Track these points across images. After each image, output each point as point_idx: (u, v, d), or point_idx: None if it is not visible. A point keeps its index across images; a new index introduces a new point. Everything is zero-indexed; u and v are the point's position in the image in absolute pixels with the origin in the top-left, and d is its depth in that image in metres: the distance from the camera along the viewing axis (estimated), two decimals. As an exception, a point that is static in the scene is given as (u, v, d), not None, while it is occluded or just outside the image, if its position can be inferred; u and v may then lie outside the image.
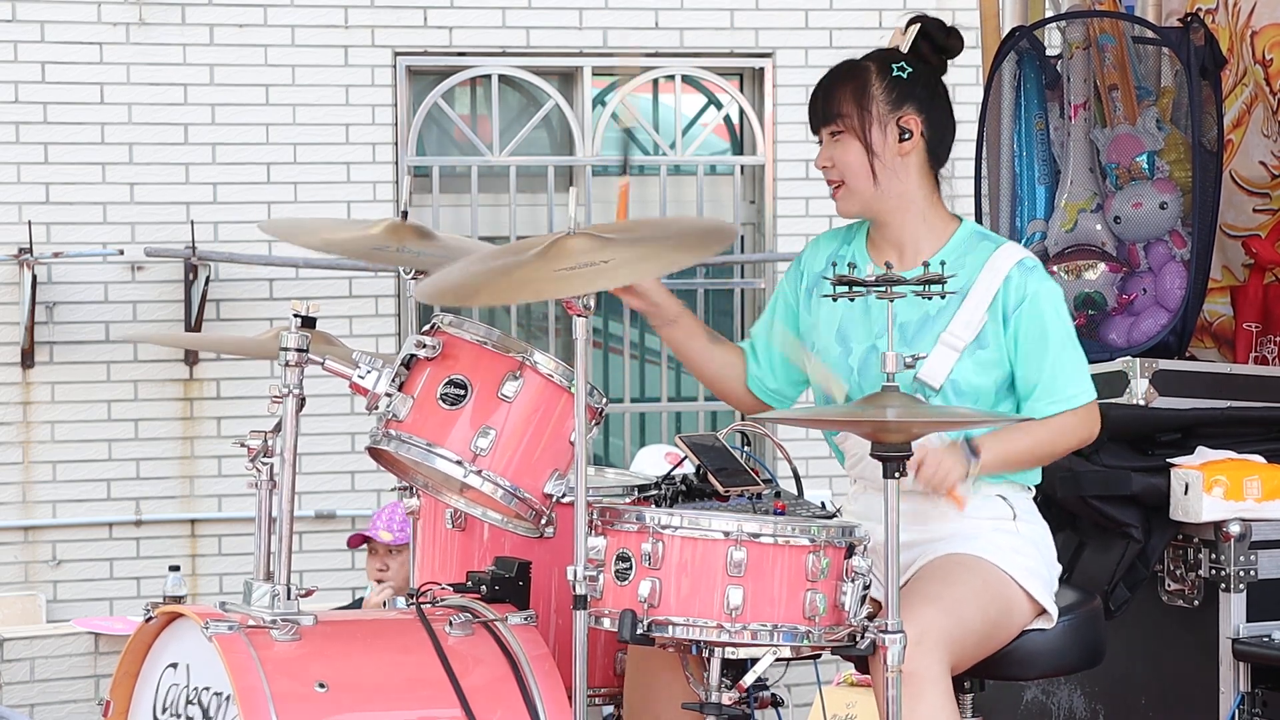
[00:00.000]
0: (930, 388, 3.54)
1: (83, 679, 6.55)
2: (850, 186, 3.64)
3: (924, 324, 3.60)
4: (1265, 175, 5.17)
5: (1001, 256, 3.60)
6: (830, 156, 3.65)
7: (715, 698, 3.24)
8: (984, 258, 3.61)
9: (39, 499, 7.20)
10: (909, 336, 3.59)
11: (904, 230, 3.67)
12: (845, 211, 3.67)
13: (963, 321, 3.57)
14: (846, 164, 3.63)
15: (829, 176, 3.66)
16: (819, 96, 3.67)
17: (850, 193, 3.65)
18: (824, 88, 3.67)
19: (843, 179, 3.64)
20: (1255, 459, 4.43)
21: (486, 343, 3.44)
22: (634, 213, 7.68)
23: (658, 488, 3.78)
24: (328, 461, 7.29)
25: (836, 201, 3.67)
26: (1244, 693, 4.28)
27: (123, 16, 7.24)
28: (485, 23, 7.54)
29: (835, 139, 3.64)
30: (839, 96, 3.64)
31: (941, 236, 3.67)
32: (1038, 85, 5.05)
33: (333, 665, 3.32)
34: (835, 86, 3.65)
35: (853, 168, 3.63)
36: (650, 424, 7.85)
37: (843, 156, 3.63)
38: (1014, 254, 3.62)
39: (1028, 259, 3.62)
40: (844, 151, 3.63)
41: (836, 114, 3.63)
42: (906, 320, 3.60)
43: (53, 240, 7.16)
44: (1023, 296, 3.57)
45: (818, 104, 3.67)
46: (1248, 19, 5.18)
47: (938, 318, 3.59)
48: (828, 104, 3.65)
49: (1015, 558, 3.57)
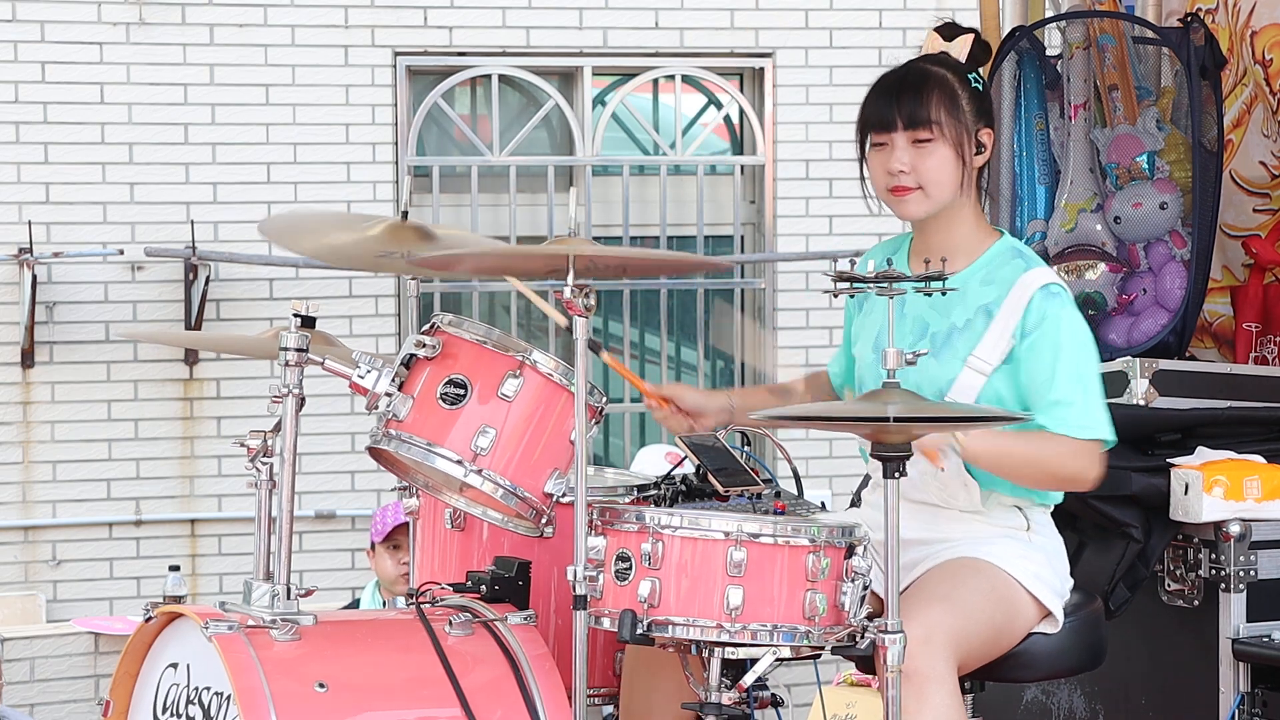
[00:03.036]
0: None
1: (83, 679, 6.55)
2: (929, 193, 3.57)
3: (950, 335, 3.58)
4: (1265, 175, 5.17)
5: (1030, 277, 3.56)
6: (910, 163, 3.56)
7: (715, 698, 3.24)
8: (1014, 277, 3.57)
9: (39, 499, 7.20)
10: (937, 346, 3.58)
11: (950, 239, 3.63)
12: (911, 215, 3.61)
13: (990, 344, 3.54)
14: (929, 170, 3.56)
15: (902, 182, 3.57)
16: (904, 99, 3.57)
17: (924, 199, 3.58)
18: (910, 90, 3.57)
19: (920, 185, 3.57)
20: (1255, 459, 4.42)
21: (486, 342, 3.44)
22: (634, 214, 7.70)
23: (658, 488, 3.78)
24: (328, 461, 7.28)
25: (903, 203, 3.59)
26: (1244, 693, 4.28)
27: (123, 16, 7.24)
28: (485, 23, 7.54)
29: (921, 145, 3.56)
30: (931, 102, 3.55)
31: (980, 248, 3.65)
32: (1038, 85, 5.05)
33: (332, 665, 3.32)
34: (924, 91, 3.57)
35: (936, 176, 3.56)
36: (650, 424, 7.84)
37: (925, 163, 3.56)
38: (1042, 277, 3.57)
39: (1055, 284, 3.56)
40: (929, 158, 3.56)
41: (929, 120, 3.55)
42: (937, 330, 3.59)
43: (53, 240, 7.16)
44: (1041, 319, 3.52)
45: (902, 107, 3.56)
46: (1247, 19, 5.18)
47: (965, 331, 3.57)
48: (918, 109, 3.55)
49: (1023, 563, 3.56)
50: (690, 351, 7.89)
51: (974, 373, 3.54)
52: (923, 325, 3.61)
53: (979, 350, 3.55)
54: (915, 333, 3.60)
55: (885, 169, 3.59)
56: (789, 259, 7.71)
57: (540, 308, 3.79)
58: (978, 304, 3.56)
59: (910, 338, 3.60)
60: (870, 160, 3.63)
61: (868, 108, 3.63)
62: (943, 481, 3.56)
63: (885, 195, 3.62)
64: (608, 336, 7.83)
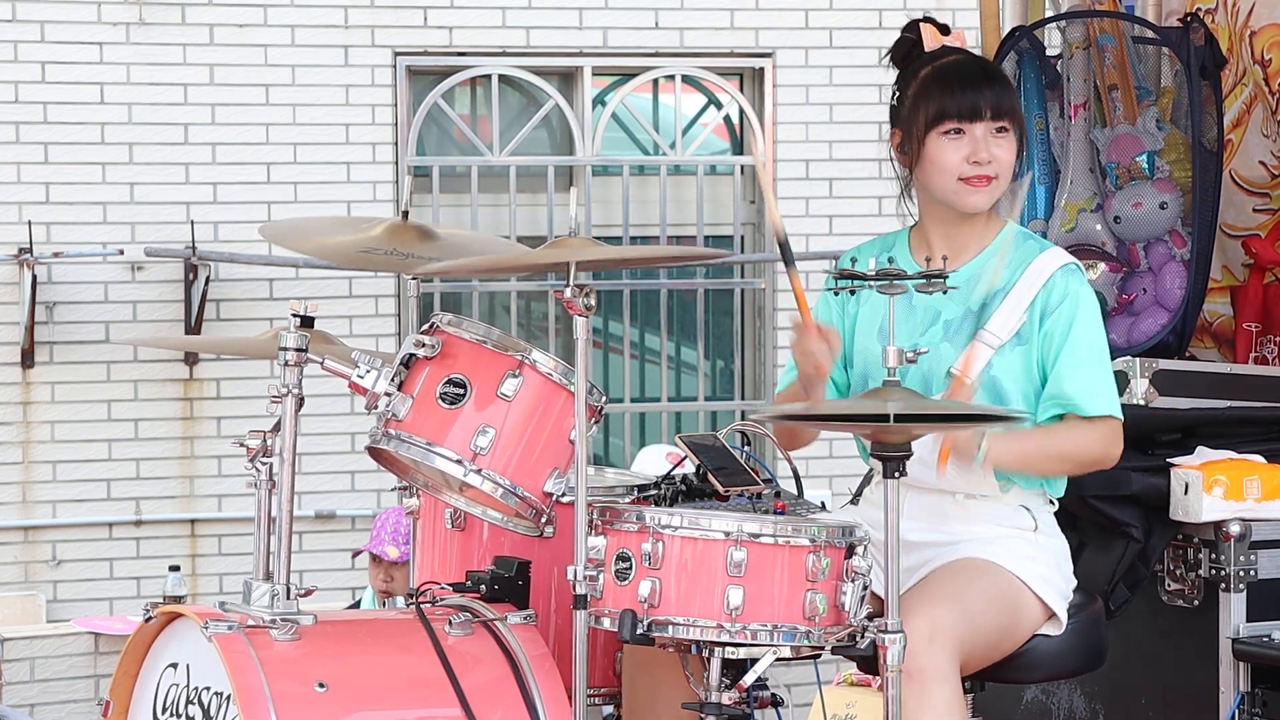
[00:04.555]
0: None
1: (83, 679, 6.55)
2: (1000, 184, 3.60)
3: (964, 319, 3.59)
4: (1265, 175, 5.17)
5: (1048, 258, 3.60)
6: (994, 153, 3.57)
7: (715, 698, 3.23)
8: (1029, 258, 3.59)
9: (39, 499, 7.20)
10: (951, 332, 3.58)
11: (962, 230, 3.65)
12: (983, 206, 3.61)
13: (1001, 319, 3.56)
14: (1006, 162, 3.59)
15: (986, 171, 3.57)
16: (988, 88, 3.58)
17: (996, 191, 3.61)
18: (993, 80, 3.60)
19: (999, 175, 3.59)
20: (1255, 459, 4.42)
21: (486, 342, 3.44)
22: (634, 214, 7.70)
23: (658, 488, 3.78)
24: (328, 461, 7.29)
25: (976, 194, 3.58)
26: (1244, 693, 4.28)
27: (123, 16, 7.24)
28: (485, 23, 7.54)
29: (1000, 135, 3.58)
30: (1008, 95, 3.60)
31: (990, 236, 3.66)
32: (1038, 85, 5.05)
33: (332, 665, 3.32)
34: (1004, 82, 3.62)
35: (1007, 168, 3.59)
36: (650, 424, 7.84)
37: (1003, 154, 3.58)
38: (1061, 258, 3.61)
39: (1073, 264, 3.61)
40: (1006, 149, 3.58)
41: (1009, 111, 3.58)
42: (950, 317, 3.60)
43: (53, 240, 7.16)
44: (1063, 296, 3.55)
45: (988, 96, 3.57)
46: (1247, 19, 5.18)
47: (980, 313, 3.58)
48: (1003, 99, 3.58)
49: (1030, 564, 3.56)
50: (690, 351, 7.90)
51: (983, 345, 3.54)
52: (934, 313, 3.61)
53: (991, 325, 3.56)
54: (926, 321, 3.61)
55: (967, 158, 3.57)
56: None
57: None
58: (992, 287, 3.57)
59: (921, 326, 3.61)
60: (942, 149, 3.58)
61: (942, 97, 3.59)
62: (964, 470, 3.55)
63: (954, 185, 3.59)
64: (608, 336, 7.83)
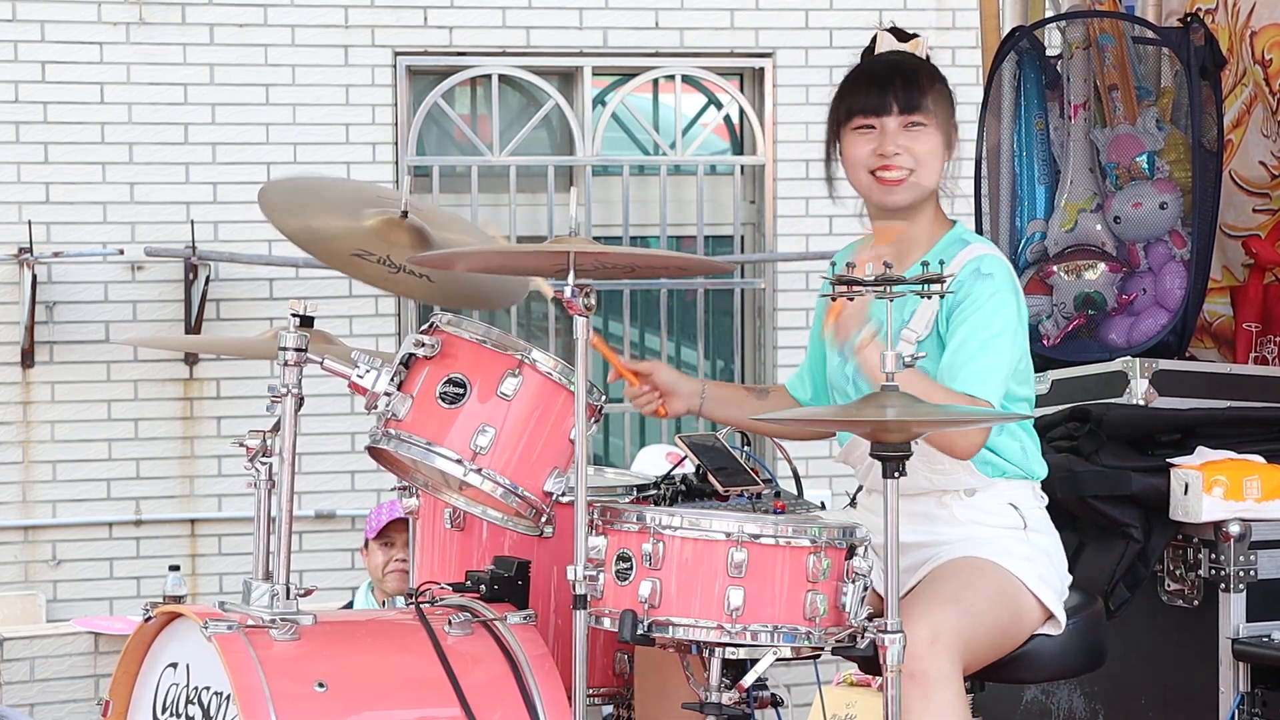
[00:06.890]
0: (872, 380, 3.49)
1: (83, 679, 6.55)
2: (919, 180, 3.58)
3: (900, 327, 3.56)
4: (1265, 175, 5.17)
5: (964, 255, 3.56)
6: (904, 145, 3.57)
7: (715, 698, 3.23)
8: (951, 258, 3.55)
9: (39, 499, 7.20)
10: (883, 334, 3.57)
11: (914, 230, 3.63)
12: (900, 202, 3.60)
13: (920, 317, 3.54)
14: (922, 156, 3.57)
15: (900, 163, 3.57)
16: (898, 84, 3.57)
17: (915, 186, 3.59)
18: (902, 76, 3.58)
19: (914, 169, 3.58)
20: (1255, 459, 4.42)
21: (485, 341, 3.44)
22: (634, 214, 7.70)
23: (658, 488, 3.78)
24: (328, 461, 7.29)
25: (896, 191, 3.58)
26: (1244, 693, 4.28)
27: (123, 16, 7.24)
28: (485, 23, 7.54)
29: (913, 129, 3.57)
30: (925, 89, 3.58)
31: (934, 238, 3.65)
32: (1038, 85, 5.05)
33: (332, 665, 3.32)
34: (918, 78, 3.58)
35: (928, 162, 3.58)
36: (650, 424, 7.84)
37: (920, 148, 3.57)
38: (975, 253, 3.57)
39: (986, 263, 3.54)
40: (922, 143, 3.57)
41: (922, 105, 3.57)
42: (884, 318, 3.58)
43: (53, 240, 7.16)
44: (965, 295, 3.51)
45: (897, 91, 3.57)
46: (1247, 19, 5.18)
47: (908, 316, 3.57)
48: (912, 93, 3.57)
49: (1028, 565, 3.56)
50: (690, 351, 7.90)
51: (904, 343, 3.50)
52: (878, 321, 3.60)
53: (912, 323, 3.55)
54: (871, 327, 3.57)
55: (875, 151, 3.58)
56: (789, 259, 7.72)
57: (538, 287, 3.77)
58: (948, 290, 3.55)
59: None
60: (853, 144, 3.61)
61: (854, 94, 3.62)
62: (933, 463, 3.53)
63: (867, 179, 3.60)
64: (608, 336, 7.83)
